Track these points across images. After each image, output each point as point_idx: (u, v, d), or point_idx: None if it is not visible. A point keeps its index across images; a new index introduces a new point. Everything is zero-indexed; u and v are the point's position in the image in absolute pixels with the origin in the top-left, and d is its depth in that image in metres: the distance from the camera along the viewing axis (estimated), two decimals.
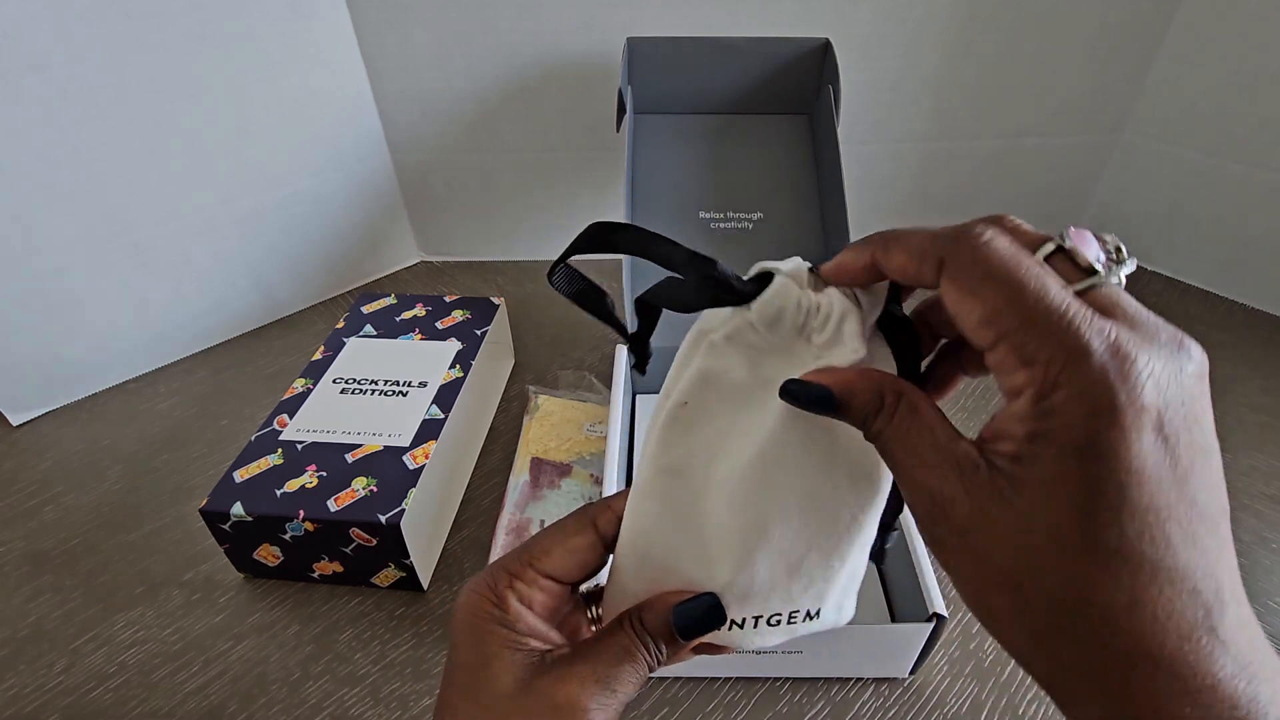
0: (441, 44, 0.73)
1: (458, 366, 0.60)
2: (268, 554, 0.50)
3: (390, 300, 0.68)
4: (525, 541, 0.28)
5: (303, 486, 0.49)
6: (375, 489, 0.49)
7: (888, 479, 0.27)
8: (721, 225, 0.69)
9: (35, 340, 0.64)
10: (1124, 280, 0.20)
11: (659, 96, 0.71)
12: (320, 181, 0.76)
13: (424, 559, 0.51)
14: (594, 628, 0.30)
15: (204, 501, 0.48)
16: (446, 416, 0.55)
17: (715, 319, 0.27)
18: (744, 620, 0.27)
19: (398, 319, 0.66)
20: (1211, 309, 0.78)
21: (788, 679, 0.46)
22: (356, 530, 0.47)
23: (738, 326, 0.27)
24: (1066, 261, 0.20)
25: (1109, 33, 0.74)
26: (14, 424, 0.66)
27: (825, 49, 0.68)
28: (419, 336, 0.63)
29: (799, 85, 0.71)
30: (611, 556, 0.29)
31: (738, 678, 0.46)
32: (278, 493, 0.49)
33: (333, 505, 0.48)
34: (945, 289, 0.21)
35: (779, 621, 0.28)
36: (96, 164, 0.62)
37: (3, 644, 0.49)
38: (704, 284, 0.25)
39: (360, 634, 0.49)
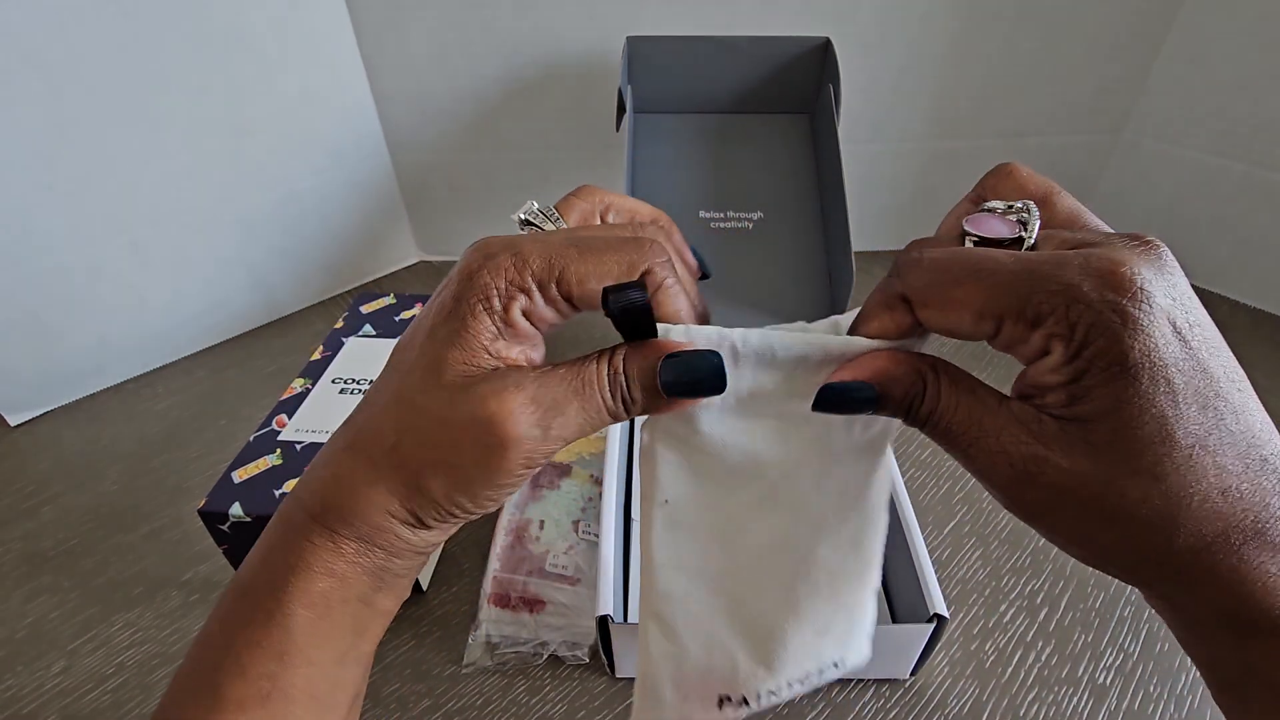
0: (441, 44, 0.73)
1: None
2: None
3: (389, 300, 0.68)
4: (560, 245, 0.23)
5: None
6: None
7: (884, 501, 0.27)
8: (721, 225, 0.69)
9: (33, 340, 0.64)
10: (1037, 224, 0.23)
11: (659, 96, 0.71)
12: (320, 181, 0.76)
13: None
14: None
15: (202, 502, 0.48)
16: None
17: None
18: (779, 688, 0.27)
19: (397, 319, 0.66)
20: (1212, 309, 0.77)
21: None
22: None
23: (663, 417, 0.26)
24: (989, 245, 0.23)
25: (1109, 32, 0.74)
26: (12, 424, 0.66)
27: (825, 48, 0.68)
28: None
29: (799, 85, 0.71)
30: (636, 688, 0.28)
31: None
32: (276, 493, 0.49)
33: None
34: (926, 316, 0.22)
35: (807, 677, 0.27)
36: (96, 163, 0.62)
37: (0, 644, 0.48)
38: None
39: None
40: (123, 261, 0.66)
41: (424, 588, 0.51)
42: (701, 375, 0.24)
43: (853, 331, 0.25)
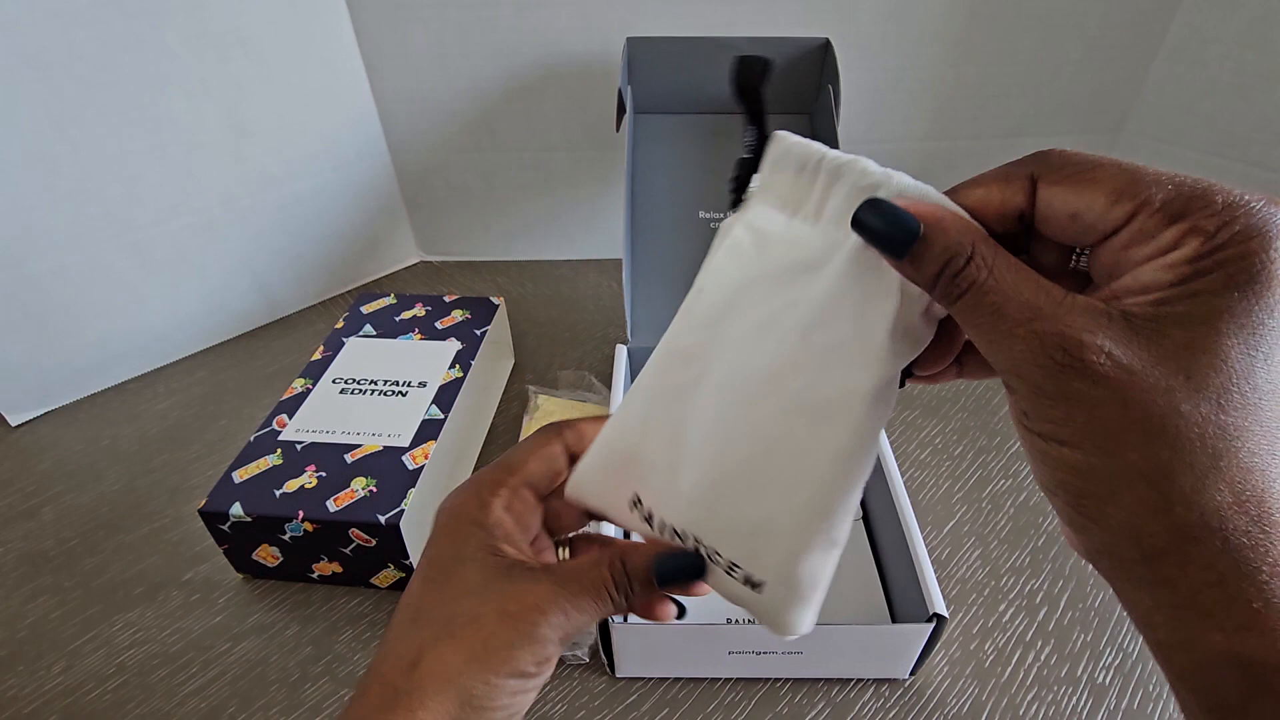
0: (441, 44, 0.73)
1: (457, 366, 0.60)
2: (267, 554, 0.50)
3: (390, 300, 0.68)
4: (499, 459, 0.29)
5: (302, 487, 0.49)
6: (375, 489, 0.49)
7: (865, 464, 0.24)
8: (722, 225, 0.69)
9: (34, 340, 0.64)
10: None
11: (659, 96, 0.71)
12: (320, 181, 0.76)
13: None
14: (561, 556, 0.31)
15: (203, 502, 0.48)
16: (446, 416, 0.55)
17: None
18: (685, 534, 0.26)
19: (397, 319, 0.66)
20: None
21: (788, 680, 0.46)
22: (356, 531, 0.47)
23: (750, 206, 0.25)
24: None
25: (1109, 32, 0.74)
26: (13, 424, 0.66)
27: (825, 49, 0.68)
28: (418, 336, 0.63)
29: (799, 85, 0.71)
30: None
31: (738, 678, 0.46)
32: (277, 493, 0.49)
33: (332, 506, 0.48)
34: (1051, 195, 0.20)
35: (717, 562, 0.26)
36: (96, 164, 0.62)
37: (1, 644, 0.48)
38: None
39: (359, 635, 0.49)
40: (123, 262, 0.66)
41: None
42: (686, 565, 0.26)
43: (951, 194, 0.22)
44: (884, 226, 0.21)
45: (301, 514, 0.47)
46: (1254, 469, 0.18)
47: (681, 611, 0.30)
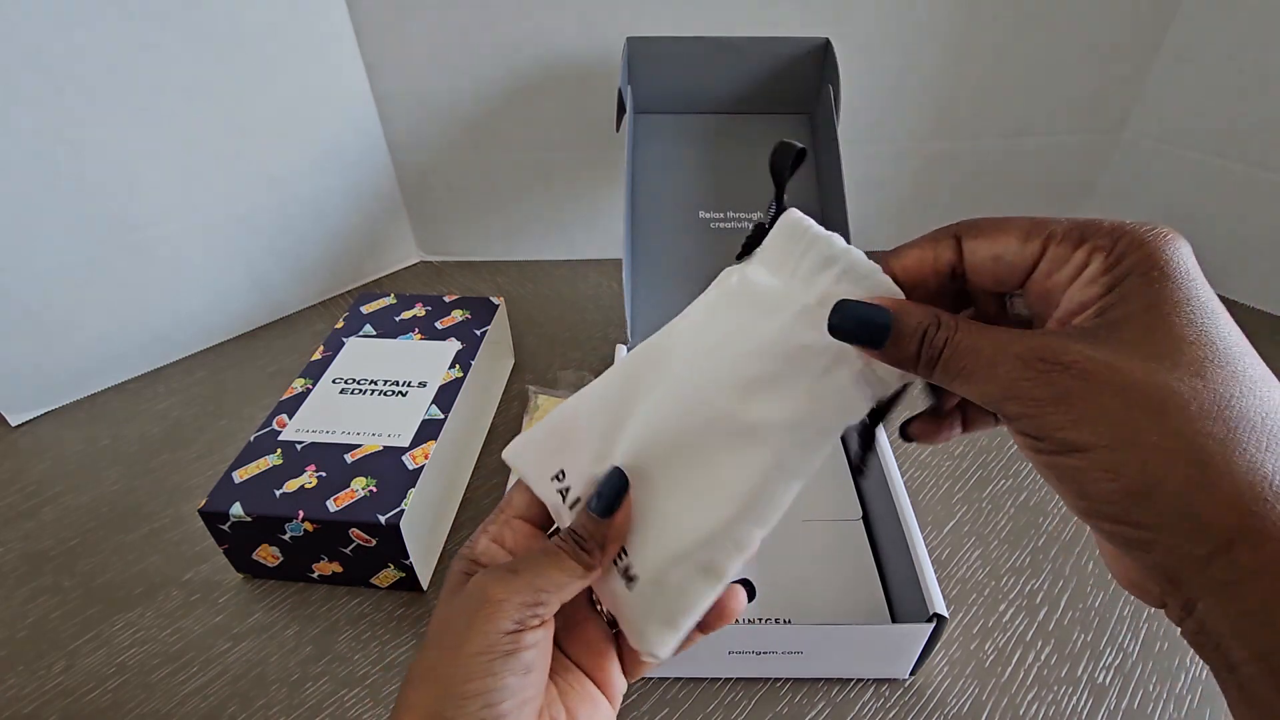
0: (441, 44, 0.73)
1: (457, 366, 0.60)
2: (267, 554, 0.50)
3: (390, 300, 0.68)
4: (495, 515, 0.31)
5: (302, 487, 0.49)
6: (375, 489, 0.49)
7: (772, 510, 0.26)
8: (721, 225, 0.69)
9: (34, 340, 0.64)
10: None
11: (659, 96, 0.71)
12: (320, 181, 0.76)
13: (423, 559, 0.51)
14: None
15: (203, 502, 0.48)
16: (446, 416, 0.55)
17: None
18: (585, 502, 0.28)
19: (397, 319, 0.66)
20: None
21: (788, 680, 0.46)
22: (356, 530, 0.47)
23: (749, 262, 0.28)
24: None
25: (1109, 32, 0.74)
26: (13, 424, 0.66)
27: (825, 49, 0.68)
28: (418, 336, 0.63)
29: (799, 85, 0.71)
30: None
31: (738, 678, 0.46)
32: (277, 493, 0.49)
33: (332, 505, 0.48)
34: (975, 246, 0.24)
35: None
36: (96, 164, 0.62)
37: (1, 644, 0.48)
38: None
39: (360, 635, 0.49)
40: (123, 262, 0.66)
41: (424, 587, 0.51)
42: (615, 488, 0.27)
43: (889, 259, 0.25)
44: (857, 325, 0.24)
45: (301, 514, 0.47)
46: (1267, 428, 0.18)
47: (751, 593, 0.30)
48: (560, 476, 0.29)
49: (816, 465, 0.27)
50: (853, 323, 0.24)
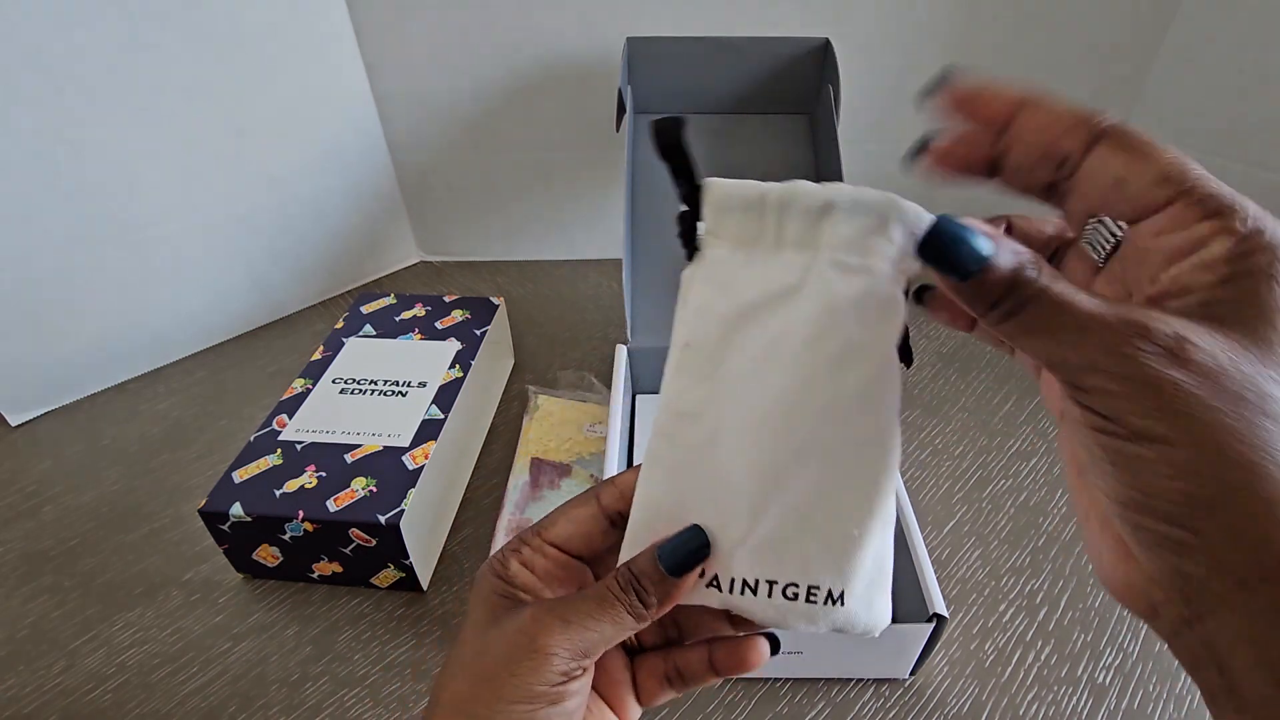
0: (441, 44, 0.73)
1: (457, 366, 0.60)
2: (267, 554, 0.50)
3: (390, 300, 0.68)
4: (537, 521, 0.30)
5: (302, 487, 0.49)
6: (375, 489, 0.49)
7: (898, 444, 0.26)
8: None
9: (34, 340, 0.64)
10: None
11: (659, 96, 0.71)
12: (320, 181, 0.76)
13: (423, 559, 0.51)
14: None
15: (203, 502, 0.48)
16: (446, 416, 0.55)
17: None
18: (756, 582, 0.26)
19: (397, 319, 0.66)
20: None
21: (788, 679, 0.46)
22: (356, 531, 0.47)
23: (704, 255, 0.26)
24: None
25: (1109, 32, 0.74)
26: (13, 424, 0.66)
27: (825, 49, 0.68)
28: (418, 336, 0.63)
29: (799, 85, 0.71)
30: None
31: (738, 678, 0.46)
32: (277, 493, 0.49)
33: (332, 506, 0.48)
34: (1106, 155, 0.21)
35: (797, 595, 0.26)
36: (96, 164, 0.62)
37: (1, 644, 0.48)
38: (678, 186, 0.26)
39: (360, 635, 0.49)
40: (123, 262, 0.66)
41: (424, 587, 0.51)
42: (686, 540, 0.26)
43: (1028, 100, 0.23)
44: (954, 245, 0.20)
45: (301, 514, 0.47)
46: None
47: (775, 647, 0.29)
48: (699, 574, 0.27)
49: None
50: (950, 242, 0.20)
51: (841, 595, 0.26)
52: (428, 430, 0.54)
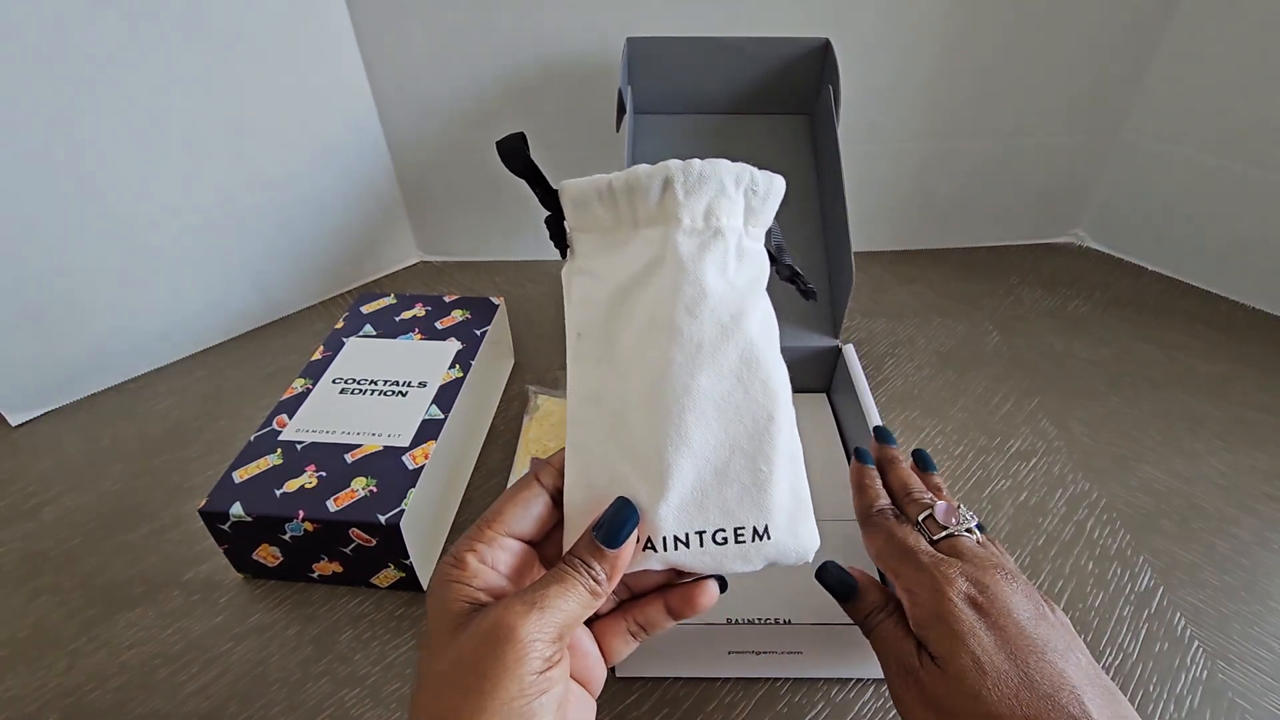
0: (441, 44, 0.73)
1: (457, 366, 0.60)
2: (267, 554, 0.50)
3: (390, 300, 0.68)
4: (481, 516, 0.31)
5: (302, 487, 0.49)
6: (375, 489, 0.49)
7: (786, 385, 0.29)
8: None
9: (34, 340, 0.64)
10: (974, 531, 0.36)
11: (659, 96, 0.71)
12: (319, 181, 0.76)
13: (424, 559, 0.51)
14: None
15: (203, 502, 0.48)
16: (446, 416, 0.55)
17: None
18: (687, 536, 0.27)
19: (397, 319, 0.66)
20: (1211, 308, 0.78)
21: (788, 679, 0.46)
22: (356, 530, 0.47)
23: (574, 250, 0.29)
24: (934, 521, 0.36)
25: (1108, 32, 0.74)
26: (13, 424, 0.66)
27: (825, 49, 0.68)
28: (418, 336, 0.63)
29: (799, 85, 0.71)
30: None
31: (738, 678, 0.46)
32: (277, 493, 0.49)
33: (332, 505, 0.48)
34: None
35: (726, 539, 0.28)
36: (96, 163, 0.62)
37: (2, 644, 0.48)
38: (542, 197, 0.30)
39: (360, 634, 0.49)
40: (123, 261, 0.66)
41: (424, 587, 0.51)
42: (614, 513, 0.28)
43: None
44: (839, 583, 0.37)
45: (302, 514, 0.47)
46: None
47: (723, 586, 0.32)
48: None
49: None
50: (836, 581, 0.37)
51: (766, 529, 0.28)
52: (428, 430, 0.54)
